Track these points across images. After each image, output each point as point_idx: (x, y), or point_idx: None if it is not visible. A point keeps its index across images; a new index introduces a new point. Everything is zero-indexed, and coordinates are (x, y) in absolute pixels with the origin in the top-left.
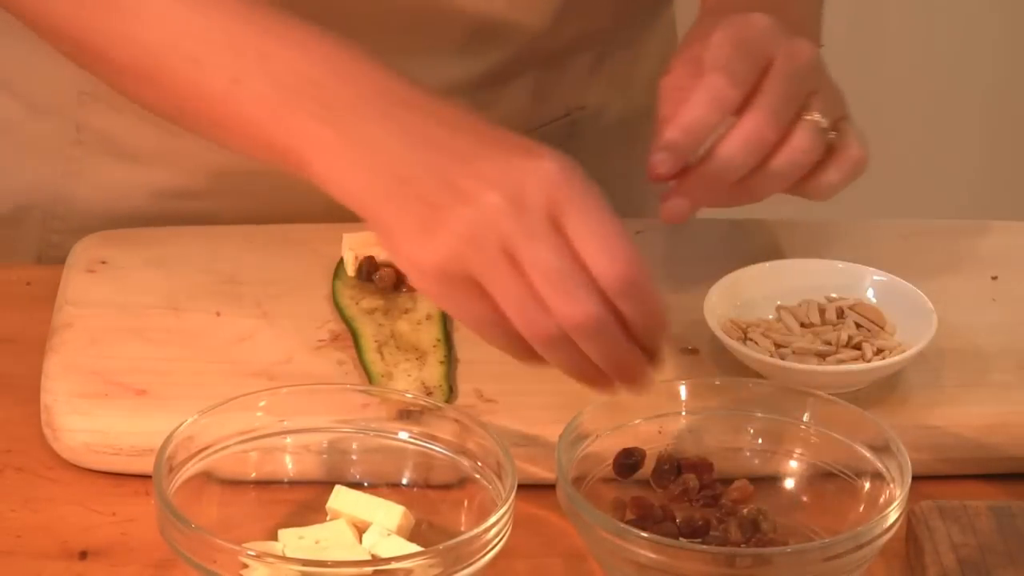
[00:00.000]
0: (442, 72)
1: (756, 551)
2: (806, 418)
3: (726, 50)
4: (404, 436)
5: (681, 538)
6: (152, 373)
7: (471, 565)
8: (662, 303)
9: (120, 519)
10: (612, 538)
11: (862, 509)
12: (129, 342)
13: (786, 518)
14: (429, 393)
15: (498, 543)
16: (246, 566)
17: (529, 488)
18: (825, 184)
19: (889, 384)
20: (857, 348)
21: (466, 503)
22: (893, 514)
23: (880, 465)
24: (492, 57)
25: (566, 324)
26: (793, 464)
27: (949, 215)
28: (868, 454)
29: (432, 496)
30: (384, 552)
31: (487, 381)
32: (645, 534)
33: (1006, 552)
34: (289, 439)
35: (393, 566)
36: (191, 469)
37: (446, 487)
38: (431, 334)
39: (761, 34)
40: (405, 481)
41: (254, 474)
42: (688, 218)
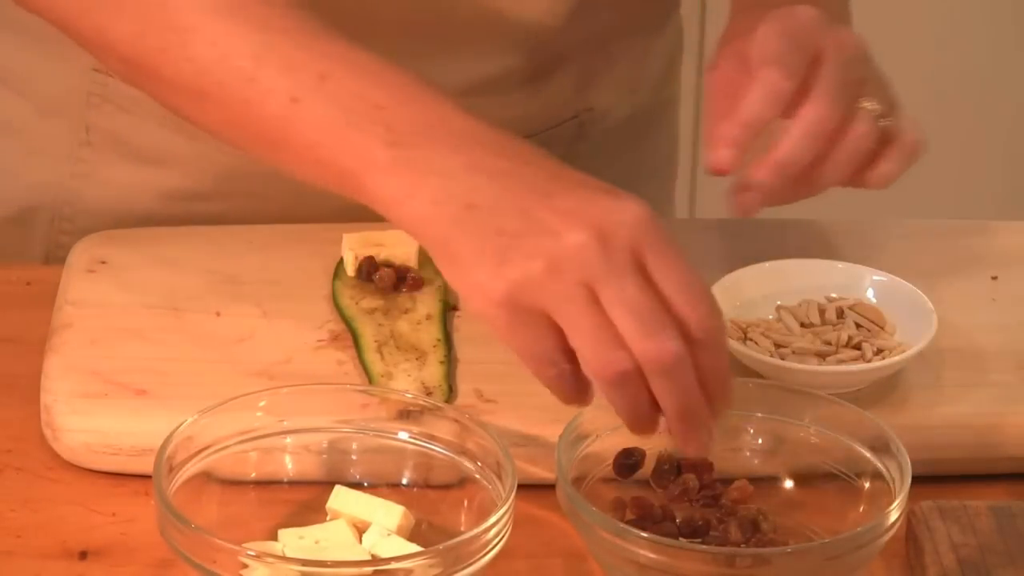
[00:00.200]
0: (454, 75)
1: (756, 551)
2: (806, 418)
3: (775, 43)
4: (404, 436)
5: (681, 538)
6: (152, 373)
7: (471, 565)
8: (729, 364)
9: (120, 519)
10: (612, 538)
11: (862, 509)
12: (129, 342)
13: (786, 518)
14: (429, 393)
15: (498, 543)
16: (246, 566)
17: (529, 488)
18: (885, 171)
19: (889, 384)
20: (857, 348)
21: (466, 503)
22: (893, 514)
23: (880, 465)
24: (504, 60)
25: (646, 358)
26: (793, 464)
27: (949, 215)
28: (868, 454)
29: (432, 496)
30: (384, 552)
31: (487, 381)
32: (645, 534)
33: (1006, 552)
34: (289, 439)
35: (393, 566)
36: (191, 469)
37: (446, 487)
38: (431, 334)
39: (808, 25)
40: (405, 481)
41: (254, 474)
42: (758, 212)
